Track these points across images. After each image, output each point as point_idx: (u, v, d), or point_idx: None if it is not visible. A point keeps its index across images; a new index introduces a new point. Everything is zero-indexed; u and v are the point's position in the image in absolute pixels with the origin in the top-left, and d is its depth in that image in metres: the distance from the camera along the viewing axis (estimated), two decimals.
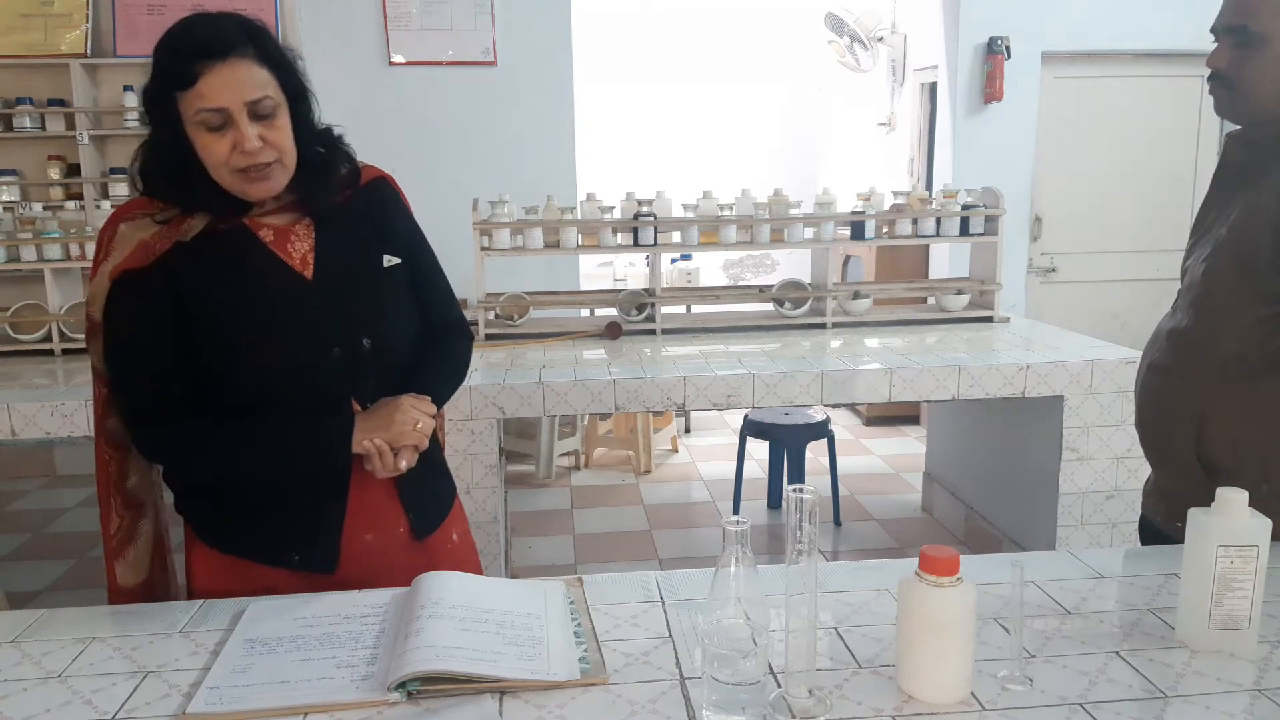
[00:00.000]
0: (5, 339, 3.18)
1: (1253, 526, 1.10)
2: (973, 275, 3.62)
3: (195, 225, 1.32)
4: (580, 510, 4.24)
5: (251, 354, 1.33)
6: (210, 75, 1.22)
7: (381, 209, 1.47)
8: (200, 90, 1.23)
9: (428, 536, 1.49)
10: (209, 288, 1.32)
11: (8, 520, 4.20)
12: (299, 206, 1.39)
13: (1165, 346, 1.54)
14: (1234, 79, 1.43)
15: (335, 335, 1.36)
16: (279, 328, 1.34)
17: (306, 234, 1.39)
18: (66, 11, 4.31)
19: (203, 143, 1.26)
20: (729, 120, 7.24)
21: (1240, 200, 1.45)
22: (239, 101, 1.24)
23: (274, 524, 1.38)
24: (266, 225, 1.37)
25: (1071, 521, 2.96)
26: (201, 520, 1.43)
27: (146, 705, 1.06)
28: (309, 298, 1.36)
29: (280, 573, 1.38)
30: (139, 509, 1.47)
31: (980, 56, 4.85)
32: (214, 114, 1.24)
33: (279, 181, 1.32)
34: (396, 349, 1.43)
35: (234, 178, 1.28)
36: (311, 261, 1.38)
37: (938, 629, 1.01)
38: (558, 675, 1.09)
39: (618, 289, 3.87)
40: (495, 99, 4.66)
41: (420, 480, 1.45)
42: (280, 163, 1.30)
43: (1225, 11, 1.44)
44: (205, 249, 1.32)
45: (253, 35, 1.28)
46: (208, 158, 1.27)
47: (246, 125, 1.25)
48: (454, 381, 1.55)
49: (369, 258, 1.43)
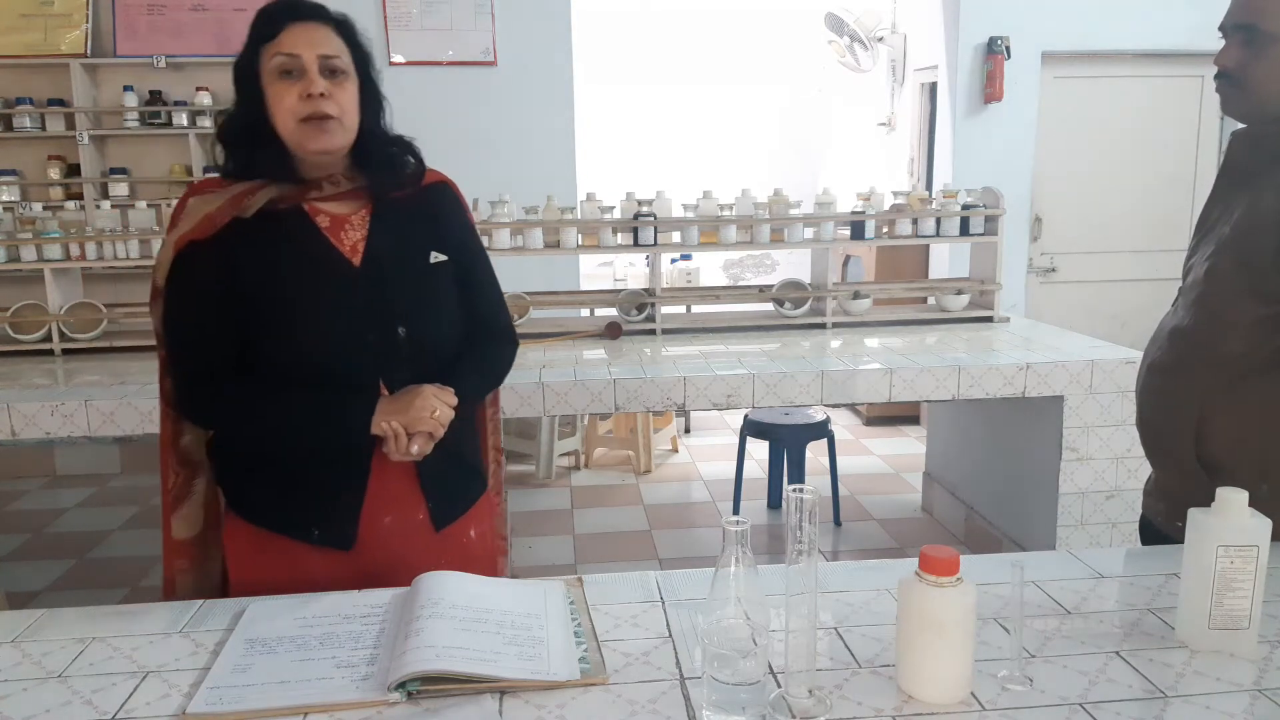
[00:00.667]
0: (5, 339, 3.18)
1: (1253, 526, 1.10)
2: (973, 275, 3.62)
3: (256, 202, 1.40)
4: (580, 510, 4.24)
5: (292, 330, 1.39)
6: (292, 29, 1.37)
7: (438, 209, 1.54)
8: (281, 40, 1.37)
9: (446, 527, 1.52)
10: (260, 264, 1.40)
11: (8, 520, 4.19)
12: (358, 196, 1.46)
13: (1166, 345, 1.53)
14: (1242, 78, 1.42)
15: (373, 322, 1.42)
16: (320, 309, 1.41)
17: (361, 224, 1.46)
18: (66, 11, 4.31)
19: (275, 91, 1.37)
20: (729, 120, 7.24)
21: (1244, 199, 1.45)
22: (312, 53, 1.37)
23: (297, 499, 1.44)
24: (324, 212, 1.45)
25: (1071, 521, 2.96)
26: (234, 492, 1.50)
27: (146, 705, 1.06)
28: (353, 284, 1.43)
29: (302, 547, 1.44)
30: (193, 468, 1.53)
31: (980, 56, 4.85)
32: (288, 59, 1.36)
33: (337, 140, 1.39)
34: (433, 341, 1.47)
35: (298, 129, 1.37)
36: (361, 250, 1.44)
37: (938, 629, 1.01)
38: (558, 675, 1.09)
39: (618, 289, 3.87)
40: (495, 99, 4.66)
41: (442, 470, 1.49)
42: (340, 122, 1.39)
43: (1234, 10, 1.43)
44: (262, 227, 1.40)
45: (338, 18, 1.43)
46: (277, 106, 1.37)
47: (316, 74, 1.36)
48: (489, 381, 1.61)
49: (417, 252, 1.49)
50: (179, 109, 4.30)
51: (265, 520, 1.46)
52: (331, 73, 1.38)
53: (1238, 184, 1.49)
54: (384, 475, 1.45)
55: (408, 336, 1.44)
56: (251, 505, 1.48)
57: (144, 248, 3.17)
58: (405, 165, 1.51)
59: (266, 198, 1.40)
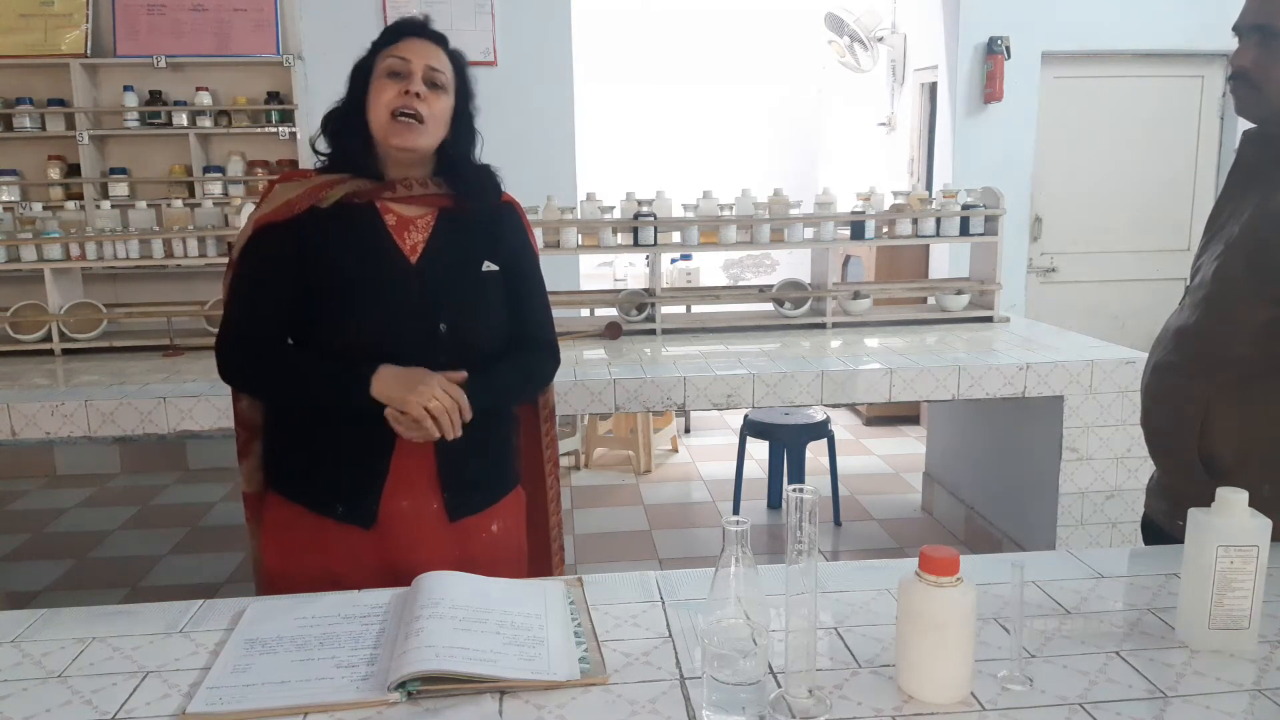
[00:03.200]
0: (5, 339, 3.18)
1: (1253, 526, 1.10)
2: (973, 275, 3.62)
3: (334, 195, 1.52)
4: (580, 510, 4.24)
5: (345, 315, 1.50)
6: (411, 42, 1.53)
7: (499, 225, 1.63)
8: (399, 45, 1.52)
9: (462, 520, 1.57)
10: (326, 250, 1.51)
11: (8, 520, 4.19)
12: (429, 203, 1.57)
13: (1172, 345, 1.53)
14: (1258, 78, 1.41)
15: (418, 316, 1.51)
16: (374, 299, 1.50)
17: (425, 228, 1.57)
18: (66, 11, 4.31)
19: (378, 86, 1.50)
20: (729, 120, 7.24)
21: (1254, 199, 1.44)
22: (422, 63, 1.51)
23: (325, 474, 1.54)
24: (394, 212, 1.56)
25: (1071, 521, 2.96)
26: (274, 466, 1.61)
27: (146, 705, 1.06)
28: (405, 280, 1.52)
29: (328, 524, 1.53)
30: (250, 429, 1.64)
31: (980, 56, 4.84)
32: (399, 61, 1.50)
33: (422, 140, 1.50)
34: (474, 341, 1.55)
35: (388, 122, 1.49)
36: (420, 250, 1.55)
37: (938, 629, 1.01)
38: (558, 675, 1.09)
39: (618, 289, 3.87)
40: (495, 99, 4.64)
41: (462, 463, 1.55)
42: (427, 126, 1.50)
43: (1249, 10, 1.42)
44: (335, 217, 1.52)
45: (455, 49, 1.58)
46: (376, 99, 1.50)
47: (419, 78, 1.50)
48: (523, 385, 1.67)
49: (471, 259, 1.58)
50: (179, 109, 4.30)
51: (296, 494, 1.56)
52: (433, 85, 1.51)
53: (1248, 184, 1.48)
54: (405, 458, 1.51)
55: (449, 333, 1.52)
56: (287, 479, 1.58)
57: (144, 248, 3.17)
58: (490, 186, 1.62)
59: (344, 191, 1.52)
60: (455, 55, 1.58)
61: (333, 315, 1.50)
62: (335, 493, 1.54)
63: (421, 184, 1.56)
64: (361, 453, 1.52)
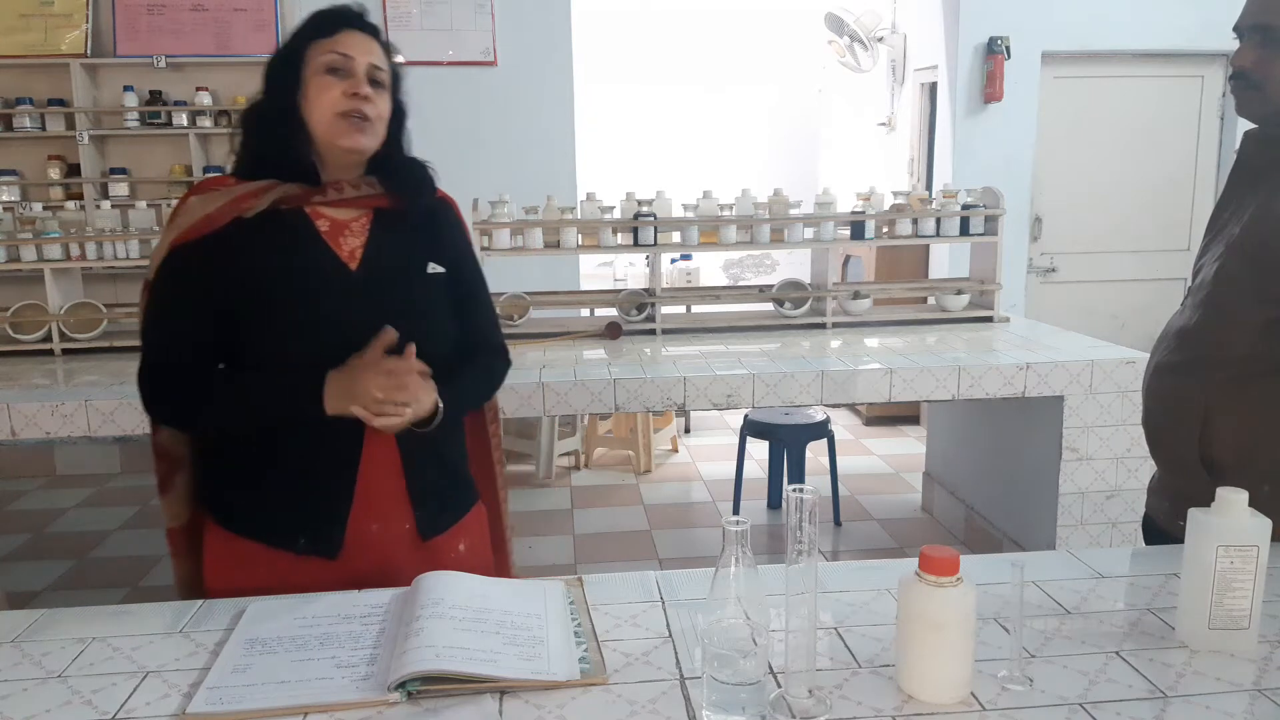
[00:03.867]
0: (5, 339, 3.18)
1: (1253, 526, 1.10)
2: (973, 275, 3.62)
3: (258, 205, 1.39)
4: (580, 510, 4.24)
5: (287, 335, 1.39)
6: (351, 34, 1.42)
7: (438, 223, 1.55)
8: (338, 39, 1.41)
9: (433, 538, 1.49)
10: (258, 265, 1.39)
11: (8, 520, 4.19)
12: (361, 205, 1.47)
13: (1174, 345, 1.53)
14: (1259, 78, 1.41)
15: (368, 327, 1.39)
16: (317, 313, 1.40)
17: (361, 231, 1.46)
18: (66, 11, 4.31)
19: (320, 83, 1.40)
20: (729, 120, 7.24)
21: (1255, 199, 1.44)
22: (366, 61, 1.42)
23: (283, 505, 1.42)
24: (325, 217, 1.45)
25: (1071, 521, 2.96)
26: (216, 500, 1.48)
27: (146, 705, 1.06)
28: (347, 288, 1.42)
29: (286, 557, 1.41)
30: (170, 461, 1.52)
31: (980, 56, 4.85)
32: (342, 58, 1.40)
33: (370, 141, 1.42)
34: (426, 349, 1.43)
35: (335, 122, 1.39)
36: (359, 256, 1.45)
37: (938, 629, 1.01)
38: (557, 675, 1.09)
39: (618, 289, 3.87)
40: (495, 99, 4.66)
41: (431, 479, 1.48)
42: (374, 125, 1.42)
43: (1250, 10, 1.42)
44: (262, 228, 1.40)
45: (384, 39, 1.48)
46: (318, 97, 1.39)
47: (364, 78, 1.41)
48: (479, 391, 1.59)
49: (415, 262, 1.49)
50: (179, 109, 4.30)
51: (248, 529, 1.43)
52: (375, 83, 1.43)
53: (1250, 184, 1.48)
54: (372, 481, 1.43)
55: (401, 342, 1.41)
56: (234, 513, 1.45)
57: (144, 248, 3.17)
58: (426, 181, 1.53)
59: (270, 199, 1.40)
60: (386, 45, 1.48)
61: (271, 335, 1.38)
62: (295, 524, 1.41)
63: (354, 185, 1.46)
64: (322, 476, 1.41)
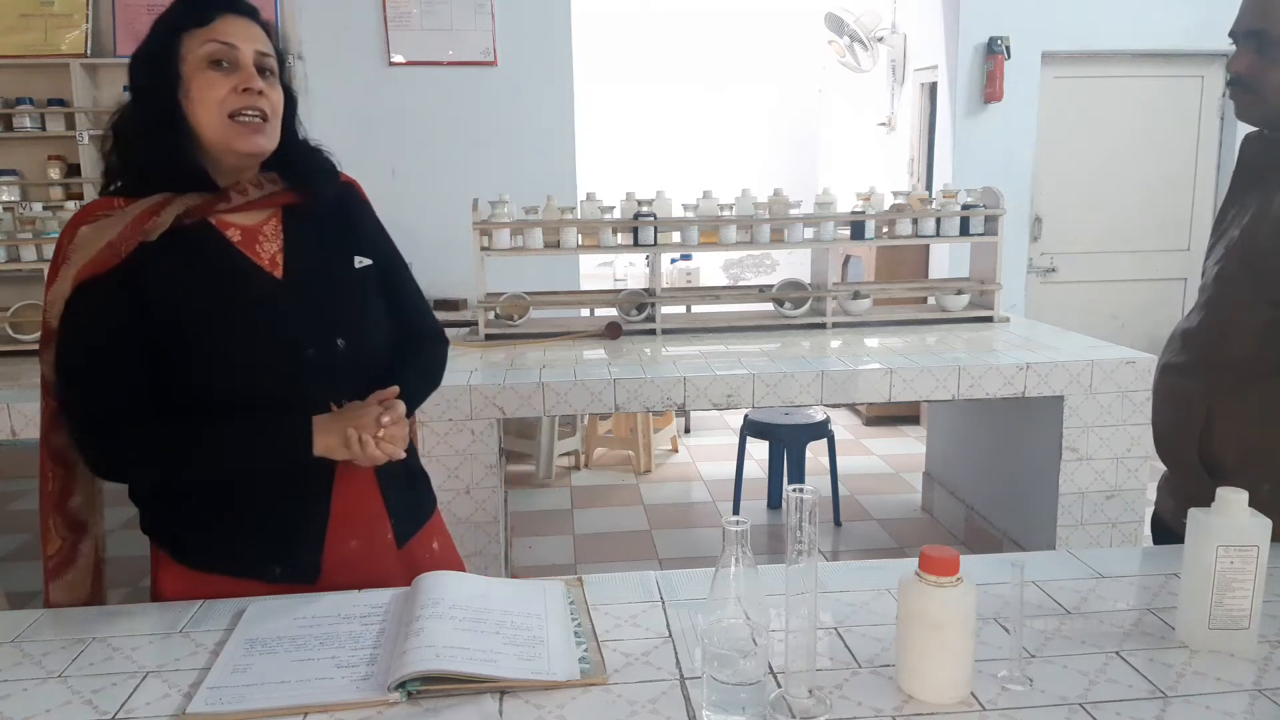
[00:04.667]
0: (5, 339, 3.18)
1: (1253, 526, 1.10)
2: (973, 275, 3.62)
3: (160, 224, 1.27)
4: (580, 510, 4.24)
5: (222, 357, 1.28)
6: (228, 20, 1.28)
7: (349, 212, 1.46)
8: (216, 28, 1.27)
9: (408, 543, 1.46)
10: (176, 289, 1.27)
11: (8, 520, 4.20)
12: (263, 206, 1.36)
13: (1178, 347, 1.55)
14: (1254, 83, 1.41)
15: (308, 336, 1.33)
16: (250, 329, 1.30)
17: (275, 234, 1.36)
18: (66, 11, 4.31)
19: (205, 80, 1.26)
20: (729, 120, 7.24)
21: (1255, 201, 1.45)
22: (250, 48, 1.29)
23: (253, 535, 1.34)
24: (234, 225, 1.34)
25: (1071, 521, 2.96)
26: (173, 537, 1.36)
27: (146, 705, 1.06)
28: (280, 298, 1.33)
29: (260, 587, 1.33)
30: (80, 530, 1.40)
31: (980, 56, 4.85)
32: (225, 47, 1.27)
33: (270, 141, 1.31)
34: (371, 350, 1.40)
35: (226, 126, 1.27)
36: (281, 261, 1.35)
37: (938, 629, 1.01)
38: (557, 675, 1.09)
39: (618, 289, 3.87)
40: (495, 99, 4.66)
41: (401, 484, 1.45)
42: (271, 123, 1.31)
43: (1245, 15, 1.42)
44: (170, 249, 1.27)
45: (264, 20, 1.35)
46: (203, 97, 1.26)
47: (253, 70, 1.28)
48: (430, 383, 1.53)
49: (339, 258, 1.41)
50: None
51: (214, 565, 1.34)
52: (263, 72, 1.30)
53: (1251, 186, 1.48)
54: (346, 498, 1.36)
55: (347, 348, 1.35)
56: (196, 551, 1.34)
57: None
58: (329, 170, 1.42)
59: (172, 216, 1.27)
60: (267, 26, 1.35)
61: (208, 363, 1.27)
62: (267, 553, 1.33)
63: (257, 185, 1.34)
64: (295, 503, 1.33)
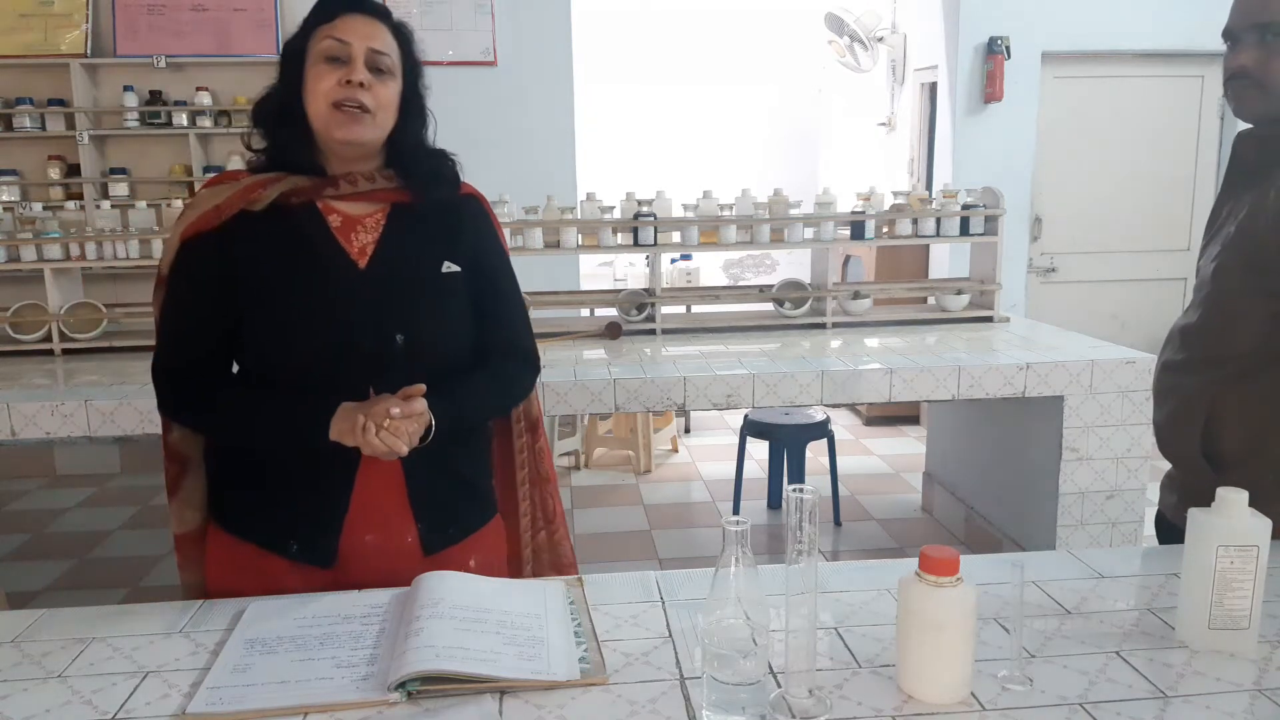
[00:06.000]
0: (5, 339, 3.18)
1: (1253, 526, 1.10)
2: (973, 275, 3.62)
3: (266, 196, 1.36)
4: (580, 510, 4.24)
5: (288, 330, 1.35)
6: (350, 18, 1.35)
7: (461, 221, 1.48)
8: (335, 24, 1.35)
9: (438, 552, 1.44)
10: (262, 259, 1.36)
11: (8, 520, 4.19)
12: (377, 199, 1.42)
13: (1177, 344, 1.55)
14: (1261, 76, 1.40)
15: (369, 326, 1.37)
16: (319, 310, 1.36)
17: (375, 227, 1.42)
18: (66, 11, 4.31)
19: (315, 72, 1.34)
20: (729, 120, 7.24)
21: (1250, 198, 1.45)
22: (363, 45, 1.34)
23: (278, 510, 1.40)
24: (338, 212, 1.41)
25: (1071, 521, 2.96)
26: (218, 499, 1.47)
27: (146, 705, 1.06)
28: (354, 287, 1.38)
29: (281, 562, 1.40)
30: (183, 464, 1.49)
31: (980, 56, 4.85)
32: (337, 43, 1.34)
33: (366, 132, 1.36)
34: (436, 351, 1.41)
35: (329, 113, 1.33)
36: (370, 252, 1.40)
37: (938, 629, 1.01)
38: (557, 675, 1.09)
39: (618, 289, 3.87)
40: (495, 99, 4.66)
41: (436, 492, 1.44)
42: (374, 117, 1.35)
43: (1244, 11, 1.42)
44: (269, 221, 1.36)
45: (398, 21, 1.42)
46: (314, 87, 1.34)
47: (361, 65, 1.34)
48: (497, 400, 1.52)
49: (428, 260, 1.43)
50: (179, 109, 4.30)
51: (245, 531, 1.42)
52: (377, 70, 1.35)
53: (1244, 184, 1.49)
54: (370, 491, 1.39)
55: (405, 345, 1.37)
56: (233, 514, 1.44)
57: (144, 248, 3.17)
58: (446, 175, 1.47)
59: (279, 191, 1.36)
60: (400, 29, 1.41)
61: (273, 333, 1.35)
62: (288, 529, 1.39)
63: (369, 178, 1.40)
64: (318, 485, 1.38)
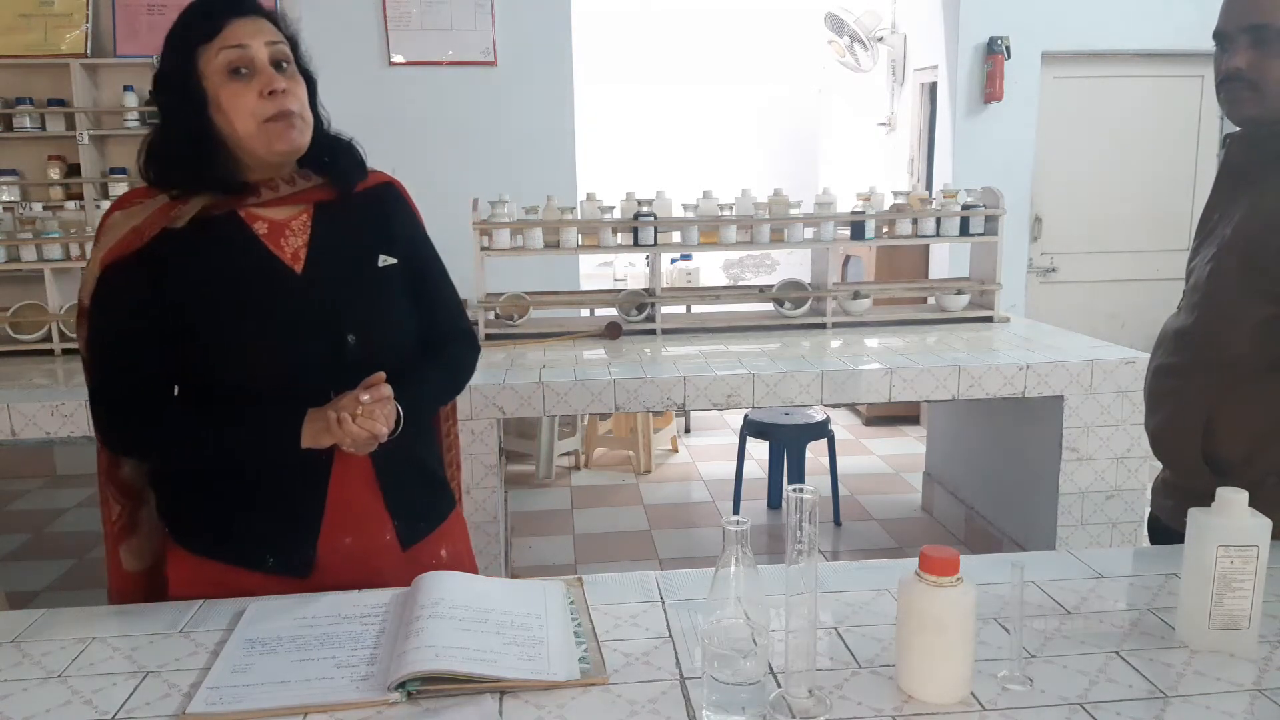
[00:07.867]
0: (5, 339, 3.18)
1: (1253, 526, 1.10)
2: (973, 275, 3.62)
3: (187, 212, 1.30)
4: (580, 510, 4.24)
5: (233, 345, 1.31)
6: (234, 24, 1.28)
7: (383, 210, 1.46)
8: (225, 35, 1.27)
9: (413, 546, 1.44)
10: (193, 276, 1.31)
11: (8, 520, 4.19)
12: (296, 200, 1.38)
13: (1172, 347, 1.54)
14: (1256, 77, 1.40)
15: (320, 330, 1.34)
16: (262, 320, 1.32)
17: (302, 229, 1.38)
18: (66, 11, 4.31)
19: (230, 92, 1.27)
20: (729, 120, 7.24)
21: (1244, 200, 1.45)
22: (261, 44, 1.28)
23: (248, 525, 1.36)
24: (262, 218, 1.36)
25: (1071, 521, 2.96)
26: (178, 522, 1.41)
27: (146, 705, 1.06)
28: (295, 292, 1.34)
29: (255, 577, 1.35)
30: (137, 497, 1.45)
31: (980, 56, 4.85)
32: (238, 51, 1.27)
33: (303, 138, 1.32)
34: (385, 348, 1.39)
35: (261, 131, 1.28)
36: (303, 256, 1.36)
37: (938, 629, 1.01)
38: (557, 675, 1.09)
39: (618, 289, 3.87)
40: (495, 99, 4.66)
41: (407, 485, 1.43)
42: (301, 117, 1.32)
43: (1236, 13, 1.42)
44: (194, 237, 1.31)
45: (266, 10, 1.34)
46: (236, 108, 1.27)
47: (270, 69, 1.29)
48: (450, 385, 1.52)
49: (363, 256, 1.41)
50: None
51: (213, 551, 1.37)
52: (280, 66, 1.30)
53: (1237, 186, 1.49)
54: (345, 492, 1.37)
55: (358, 345, 1.35)
56: (197, 536, 1.38)
57: None
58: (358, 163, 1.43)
59: (198, 205, 1.31)
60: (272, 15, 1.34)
61: (221, 350, 1.30)
62: (262, 543, 1.35)
63: (289, 180, 1.36)
64: (290, 493, 1.34)
